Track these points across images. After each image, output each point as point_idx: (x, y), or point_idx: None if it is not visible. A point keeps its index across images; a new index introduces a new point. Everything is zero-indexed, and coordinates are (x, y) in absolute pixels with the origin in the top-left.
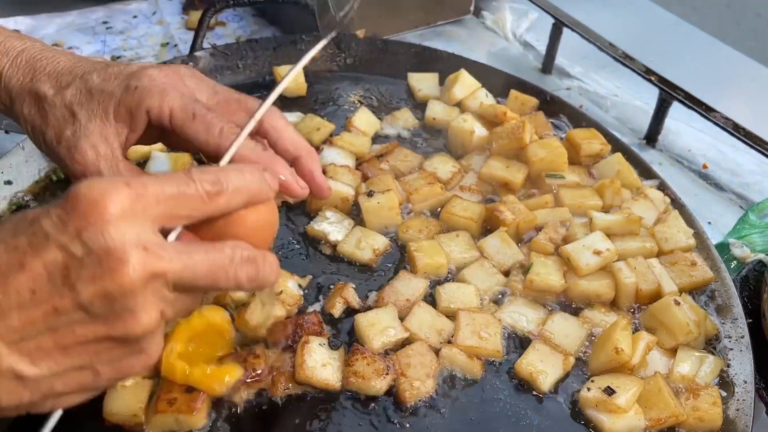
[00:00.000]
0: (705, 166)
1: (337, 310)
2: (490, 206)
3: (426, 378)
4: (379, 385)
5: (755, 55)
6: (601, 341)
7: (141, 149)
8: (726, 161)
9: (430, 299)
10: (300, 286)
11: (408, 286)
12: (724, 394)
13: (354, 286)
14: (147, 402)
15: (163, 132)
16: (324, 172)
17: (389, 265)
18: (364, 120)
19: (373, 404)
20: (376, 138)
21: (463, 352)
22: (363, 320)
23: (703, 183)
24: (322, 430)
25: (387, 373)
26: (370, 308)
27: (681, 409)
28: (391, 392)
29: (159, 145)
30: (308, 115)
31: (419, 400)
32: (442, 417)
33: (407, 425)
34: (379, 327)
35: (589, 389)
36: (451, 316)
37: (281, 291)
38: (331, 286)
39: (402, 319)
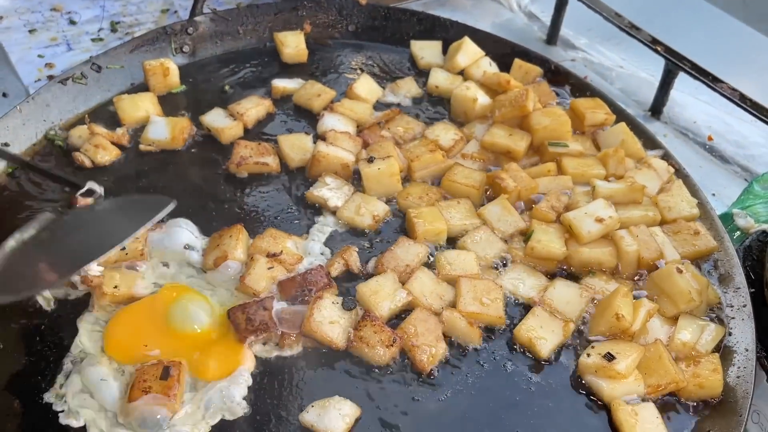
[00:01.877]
0: (710, 138)
1: (335, 270)
2: (491, 174)
3: (436, 341)
4: (382, 353)
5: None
6: (602, 308)
7: (138, 113)
8: (731, 133)
9: (430, 267)
10: (297, 246)
11: (408, 252)
12: (725, 362)
13: (357, 249)
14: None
15: None
16: (324, 138)
17: (389, 231)
18: (366, 87)
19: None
20: (378, 105)
21: (464, 318)
22: (365, 289)
23: (708, 155)
24: (328, 389)
25: (392, 344)
26: (369, 275)
27: (681, 376)
28: (404, 362)
29: (157, 109)
30: (309, 82)
31: (433, 368)
32: (440, 387)
33: (412, 396)
34: (382, 294)
35: (588, 355)
36: (452, 282)
37: (281, 251)
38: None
39: (403, 284)
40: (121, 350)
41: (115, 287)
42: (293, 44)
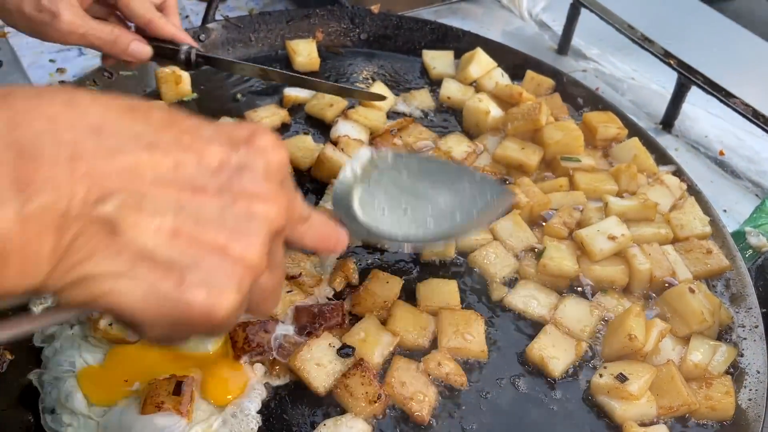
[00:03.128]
0: (722, 153)
1: (338, 285)
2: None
3: (427, 387)
4: (362, 407)
5: None
6: (614, 327)
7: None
8: (743, 148)
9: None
10: (316, 267)
11: (384, 288)
12: (736, 384)
13: (354, 260)
14: None
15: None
16: (336, 143)
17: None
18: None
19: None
20: (389, 114)
21: (445, 365)
22: (352, 340)
23: (719, 170)
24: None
25: (377, 401)
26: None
27: (693, 398)
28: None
29: None
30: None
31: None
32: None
33: None
34: (371, 341)
35: (601, 375)
36: (433, 313)
37: (300, 273)
38: None
39: (383, 322)
40: (97, 391)
41: (110, 325)
42: (305, 52)
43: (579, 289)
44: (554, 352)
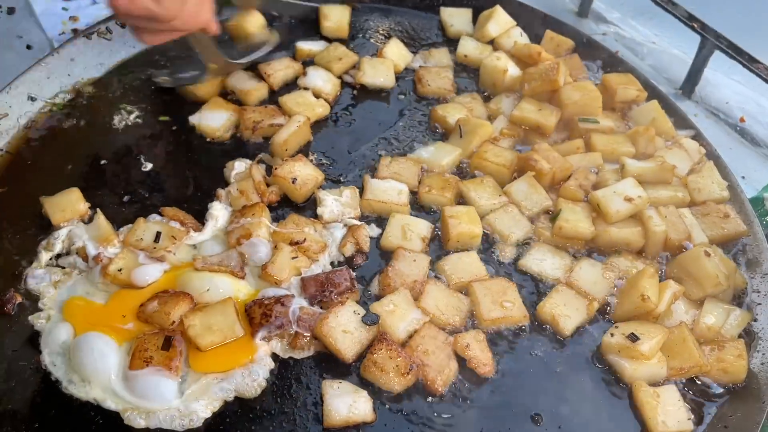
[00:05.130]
0: (742, 120)
1: (348, 250)
2: (523, 155)
3: (449, 360)
4: (397, 382)
5: None
6: (628, 288)
7: None
8: (764, 115)
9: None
10: (321, 233)
11: (411, 267)
12: (749, 348)
13: (367, 227)
14: None
15: None
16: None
17: None
18: (396, 51)
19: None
20: (406, 71)
21: (476, 347)
22: (380, 310)
23: (739, 137)
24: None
25: (408, 373)
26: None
27: (705, 360)
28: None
29: None
30: (333, 44)
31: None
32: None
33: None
34: (398, 315)
35: (612, 335)
36: (464, 290)
37: (305, 239)
38: None
39: (415, 301)
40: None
41: (119, 270)
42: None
43: (592, 248)
44: (566, 311)
